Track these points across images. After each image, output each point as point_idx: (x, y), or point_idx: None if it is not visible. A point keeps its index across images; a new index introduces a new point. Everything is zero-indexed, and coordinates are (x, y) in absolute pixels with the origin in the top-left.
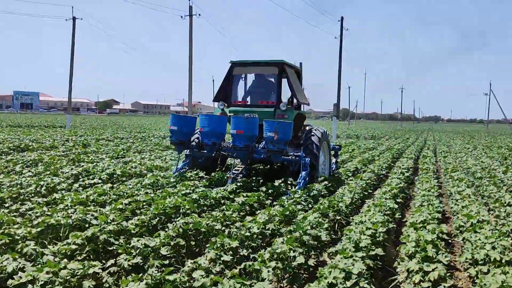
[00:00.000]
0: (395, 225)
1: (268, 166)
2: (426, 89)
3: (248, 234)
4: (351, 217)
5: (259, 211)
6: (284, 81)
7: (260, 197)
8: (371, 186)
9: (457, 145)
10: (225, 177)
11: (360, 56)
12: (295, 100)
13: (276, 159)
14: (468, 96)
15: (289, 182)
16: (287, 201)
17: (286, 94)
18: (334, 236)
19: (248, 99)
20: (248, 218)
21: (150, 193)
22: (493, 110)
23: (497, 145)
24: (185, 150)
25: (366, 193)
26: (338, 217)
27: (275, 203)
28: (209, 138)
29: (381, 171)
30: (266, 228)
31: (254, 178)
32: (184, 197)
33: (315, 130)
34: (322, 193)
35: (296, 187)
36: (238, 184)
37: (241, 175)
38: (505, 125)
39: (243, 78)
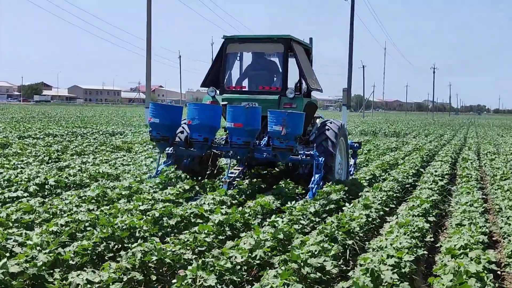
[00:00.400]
0: (426, 252)
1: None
2: (466, 70)
3: (229, 265)
4: (367, 242)
5: (243, 234)
6: (291, 62)
7: (245, 215)
8: (394, 200)
9: (508, 144)
10: (218, 182)
11: (380, 26)
12: (304, 85)
13: (284, 159)
14: None
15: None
16: (282, 220)
17: (292, 77)
18: (344, 267)
19: (246, 84)
20: (229, 243)
21: (95, 210)
22: None
23: None
24: (169, 148)
25: (387, 209)
26: (350, 242)
27: (265, 222)
28: (200, 132)
29: (406, 179)
30: (253, 256)
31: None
32: (141, 215)
33: (331, 123)
34: (328, 208)
35: (308, 194)
36: (218, 196)
37: (238, 179)
38: None
39: (239, 58)
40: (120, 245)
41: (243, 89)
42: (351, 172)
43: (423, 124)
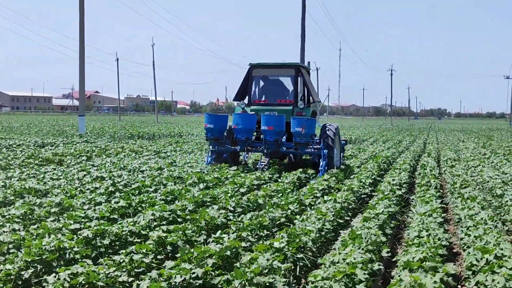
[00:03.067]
0: (382, 266)
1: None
2: (426, 72)
3: (167, 287)
4: (320, 256)
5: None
6: (300, 81)
7: (187, 232)
8: (349, 211)
9: (469, 150)
10: (256, 167)
11: (333, 26)
12: (306, 97)
13: (302, 151)
14: (483, 79)
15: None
16: (228, 236)
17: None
18: (295, 286)
19: (267, 98)
20: (169, 263)
21: (20, 231)
22: None
23: None
24: (215, 147)
25: (342, 221)
26: (301, 257)
27: (210, 239)
28: (242, 134)
29: (363, 189)
30: (195, 276)
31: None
32: (71, 234)
33: (329, 126)
34: (279, 221)
35: (318, 174)
36: (158, 212)
37: (266, 166)
38: None
39: (261, 79)
40: (48, 269)
41: (266, 102)
42: (342, 161)
43: (381, 130)
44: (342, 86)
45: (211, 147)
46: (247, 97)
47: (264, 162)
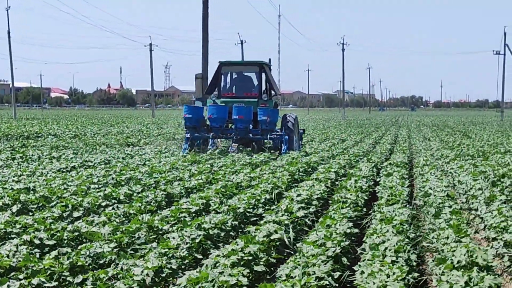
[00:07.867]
0: None
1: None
2: (393, 49)
3: None
4: None
5: None
6: (263, 76)
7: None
8: (211, 245)
9: (431, 150)
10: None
11: None
12: (268, 90)
13: (267, 136)
14: (470, 58)
15: None
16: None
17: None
18: None
19: (235, 91)
20: None
21: None
22: None
23: (503, 149)
24: (187, 134)
25: (194, 263)
26: None
27: None
28: (216, 122)
29: (254, 208)
30: None
31: None
32: None
33: (289, 115)
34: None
35: (281, 156)
36: None
37: (236, 150)
38: None
39: (229, 75)
40: None
41: (234, 95)
42: (300, 147)
43: (326, 126)
44: (284, 67)
45: (188, 134)
46: (216, 91)
47: (234, 147)
